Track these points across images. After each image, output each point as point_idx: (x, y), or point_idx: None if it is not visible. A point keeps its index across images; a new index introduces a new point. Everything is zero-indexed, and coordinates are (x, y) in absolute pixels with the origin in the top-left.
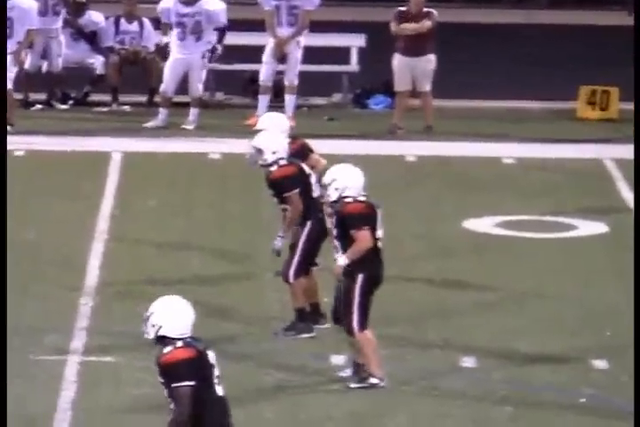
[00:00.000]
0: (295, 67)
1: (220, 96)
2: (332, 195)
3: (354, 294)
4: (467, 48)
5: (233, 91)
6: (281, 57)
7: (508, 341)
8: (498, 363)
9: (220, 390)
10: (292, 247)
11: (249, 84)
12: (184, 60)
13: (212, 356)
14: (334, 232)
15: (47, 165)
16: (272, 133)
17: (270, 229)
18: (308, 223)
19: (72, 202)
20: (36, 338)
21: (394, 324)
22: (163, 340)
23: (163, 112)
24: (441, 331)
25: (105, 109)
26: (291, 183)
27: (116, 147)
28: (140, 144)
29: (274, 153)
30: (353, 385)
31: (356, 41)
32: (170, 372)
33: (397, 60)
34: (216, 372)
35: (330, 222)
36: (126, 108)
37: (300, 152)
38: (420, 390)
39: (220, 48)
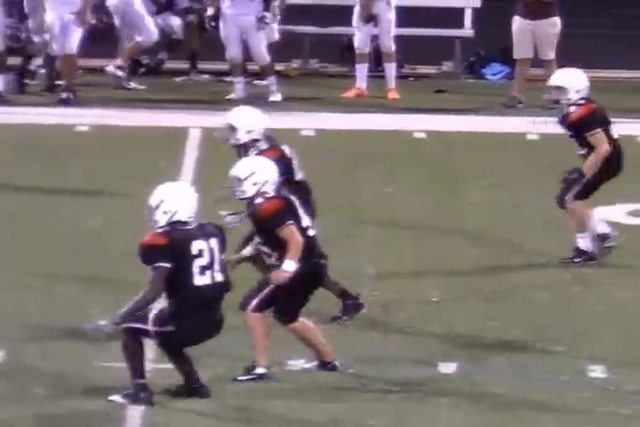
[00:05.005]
0: (388, 30)
1: (314, 64)
2: (249, 190)
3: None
4: (599, 10)
5: (329, 58)
6: (368, 18)
7: None
8: (631, 373)
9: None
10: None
11: (347, 51)
12: (237, 21)
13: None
14: (258, 238)
15: (115, 142)
16: (251, 110)
17: None
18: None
19: (143, 185)
20: (103, 343)
21: (511, 328)
22: (173, 225)
23: (238, 81)
24: (565, 336)
25: (182, 79)
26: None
27: (195, 122)
28: (221, 119)
29: (248, 133)
30: (240, 378)
31: (470, 1)
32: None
33: (517, 24)
34: (201, 262)
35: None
36: (206, 77)
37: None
38: (540, 402)
39: (269, 16)
